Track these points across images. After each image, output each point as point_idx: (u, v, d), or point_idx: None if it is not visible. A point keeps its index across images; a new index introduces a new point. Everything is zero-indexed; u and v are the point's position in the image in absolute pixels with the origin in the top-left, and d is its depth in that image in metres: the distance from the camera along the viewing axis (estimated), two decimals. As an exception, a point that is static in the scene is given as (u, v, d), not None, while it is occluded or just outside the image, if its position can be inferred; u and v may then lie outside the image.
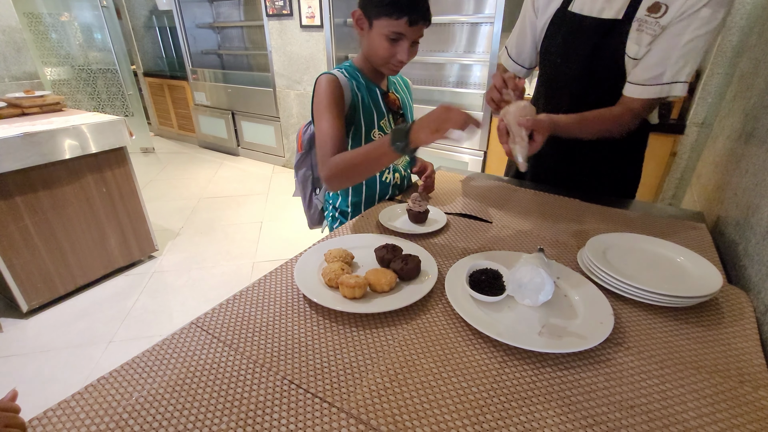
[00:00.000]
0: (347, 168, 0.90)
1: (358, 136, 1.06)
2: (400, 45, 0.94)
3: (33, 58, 3.02)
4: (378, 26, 0.93)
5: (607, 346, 0.60)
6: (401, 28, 0.91)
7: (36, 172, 1.77)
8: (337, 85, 0.98)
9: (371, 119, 1.06)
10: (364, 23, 0.96)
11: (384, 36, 0.93)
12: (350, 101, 1.02)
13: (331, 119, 0.96)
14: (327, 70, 1.01)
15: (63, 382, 1.57)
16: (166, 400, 0.51)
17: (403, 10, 0.89)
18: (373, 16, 0.92)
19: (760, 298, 0.69)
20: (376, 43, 0.95)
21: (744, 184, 0.91)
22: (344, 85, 1.00)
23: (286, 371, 0.55)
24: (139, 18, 4.89)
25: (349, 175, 0.92)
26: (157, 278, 2.24)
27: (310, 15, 3.18)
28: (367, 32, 0.96)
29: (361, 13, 0.95)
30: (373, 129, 1.07)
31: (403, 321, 0.65)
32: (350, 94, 1.01)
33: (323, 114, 0.96)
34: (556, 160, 1.19)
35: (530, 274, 0.65)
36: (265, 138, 4.09)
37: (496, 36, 2.27)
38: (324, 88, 0.98)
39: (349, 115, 1.03)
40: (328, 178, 0.92)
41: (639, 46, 0.90)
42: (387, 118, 1.10)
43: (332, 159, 0.92)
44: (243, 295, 0.71)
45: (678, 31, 0.85)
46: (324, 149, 0.94)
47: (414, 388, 0.52)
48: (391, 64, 0.98)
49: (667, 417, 0.49)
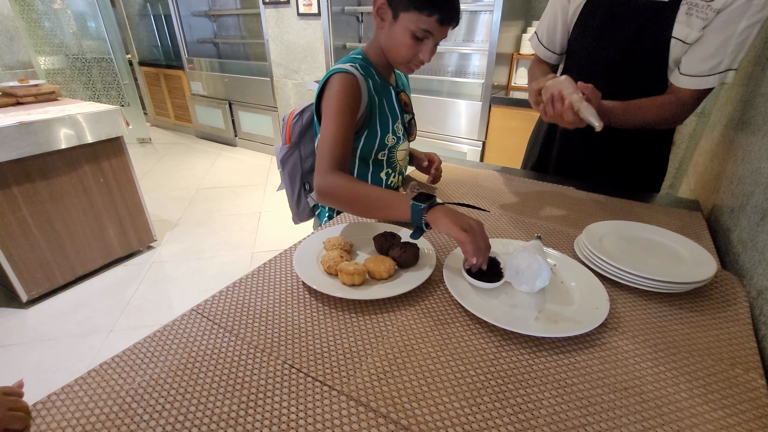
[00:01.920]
0: (349, 197, 0.83)
1: (372, 139, 1.00)
2: (424, 44, 0.88)
3: (26, 46, 2.99)
4: (405, 20, 0.85)
5: (602, 330, 0.61)
6: (430, 26, 0.85)
7: (32, 162, 1.76)
8: (356, 88, 0.90)
9: (387, 124, 1.01)
10: (387, 14, 0.88)
11: (410, 32, 0.86)
12: (367, 103, 0.94)
13: (340, 125, 0.88)
14: (341, 66, 0.92)
15: (65, 370, 1.58)
16: (169, 384, 0.52)
17: (437, 6, 0.82)
18: (401, 8, 0.85)
19: (753, 283, 0.71)
20: (399, 38, 0.88)
21: (740, 172, 0.91)
22: (363, 86, 0.92)
23: (286, 356, 0.56)
24: (134, 6, 4.82)
25: (346, 204, 0.85)
26: (156, 268, 2.25)
27: (307, 3, 3.14)
28: (389, 24, 0.88)
29: (385, 1, 0.87)
30: (388, 134, 1.02)
31: (401, 307, 0.66)
32: (367, 97, 0.94)
33: (333, 117, 0.88)
34: (583, 153, 1.16)
35: (527, 260, 0.65)
36: (263, 128, 4.07)
37: (495, 25, 2.25)
38: (339, 88, 0.89)
39: (365, 118, 0.97)
40: (323, 193, 0.85)
41: (690, 29, 0.87)
42: (400, 120, 1.05)
43: (336, 176, 0.84)
44: (243, 283, 0.72)
45: (734, 19, 0.83)
46: (326, 157, 0.86)
47: (413, 372, 0.53)
48: (412, 63, 0.92)
49: (659, 398, 0.50)
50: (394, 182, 1.13)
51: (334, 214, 1.15)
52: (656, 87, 0.98)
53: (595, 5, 1.02)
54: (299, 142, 1.13)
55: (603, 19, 1.00)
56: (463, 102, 2.54)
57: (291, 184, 1.18)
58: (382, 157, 1.05)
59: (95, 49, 3.84)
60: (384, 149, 1.03)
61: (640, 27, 0.94)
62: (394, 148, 1.06)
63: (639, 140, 1.07)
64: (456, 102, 2.57)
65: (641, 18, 0.94)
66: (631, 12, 0.96)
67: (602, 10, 1.00)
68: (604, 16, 1.00)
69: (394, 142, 1.04)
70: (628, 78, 1.01)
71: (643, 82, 0.99)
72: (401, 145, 1.08)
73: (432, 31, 0.86)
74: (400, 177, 1.15)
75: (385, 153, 1.05)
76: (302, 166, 1.17)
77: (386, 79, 1.01)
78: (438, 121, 2.69)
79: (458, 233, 0.67)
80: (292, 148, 1.13)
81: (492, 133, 2.52)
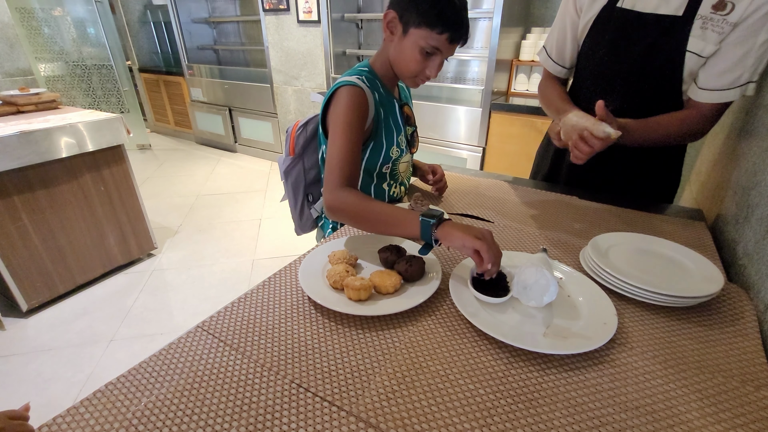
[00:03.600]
0: (359, 214, 0.83)
1: (377, 152, 1.01)
2: (432, 60, 0.89)
3: (26, 54, 3.00)
4: (415, 35, 0.86)
5: (611, 346, 0.61)
6: (440, 44, 0.86)
7: (33, 171, 1.76)
8: (363, 102, 0.91)
9: (392, 137, 1.02)
10: (397, 28, 0.89)
11: (419, 48, 0.87)
12: (373, 116, 0.95)
13: (350, 140, 0.87)
14: (348, 78, 0.92)
15: (65, 380, 1.57)
16: (175, 405, 0.51)
17: (447, 25, 0.84)
18: (412, 23, 0.85)
19: (760, 296, 0.70)
20: (407, 53, 0.89)
21: (743, 182, 0.91)
22: (369, 99, 0.92)
23: (293, 375, 0.56)
24: (134, 13, 4.83)
25: (356, 220, 0.84)
26: (156, 276, 2.24)
27: (307, 10, 3.15)
28: (399, 38, 0.89)
29: (395, 15, 0.87)
30: (393, 146, 1.02)
31: (408, 323, 0.65)
32: (374, 109, 0.94)
33: (342, 132, 0.88)
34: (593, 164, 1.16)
35: (535, 275, 0.65)
36: (263, 134, 4.07)
37: (495, 31, 2.26)
38: (346, 102, 0.89)
39: (371, 131, 0.97)
40: (334, 209, 0.85)
41: (705, 43, 0.87)
42: (404, 133, 1.06)
43: (346, 192, 0.84)
44: (248, 298, 0.71)
45: (752, 32, 0.82)
46: (335, 173, 0.86)
47: (422, 391, 0.53)
48: (418, 78, 0.93)
49: (671, 417, 0.49)
50: (396, 192, 1.13)
51: (338, 225, 1.15)
52: (669, 100, 0.97)
53: (606, 19, 1.00)
54: (303, 153, 1.14)
55: (615, 33, 0.99)
56: (463, 108, 2.55)
57: (294, 195, 1.19)
58: (386, 170, 1.05)
59: (95, 55, 3.84)
60: (388, 162, 1.03)
61: (653, 41, 0.93)
62: (398, 161, 1.06)
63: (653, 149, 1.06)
64: (456, 108, 2.58)
65: (654, 32, 0.93)
66: (643, 26, 0.94)
67: (614, 24, 0.99)
68: (615, 30, 0.98)
69: (397, 154, 1.05)
70: (641, 92, 1.00)
71: (657, 96, 0.98)
72: (404, 158, 1.08)
73: (441, 48, 0.87)
74: (402, 188, 1.15)
75: (389, 166, 1.05)
76: (306, 177, 1.17)
77: (391, 92, 1.02)
78: (438, 127, 2.69)
79: (473, 242, 0.67)
80: (295, 160, 1.14)
81: (492, 140, 2.52)
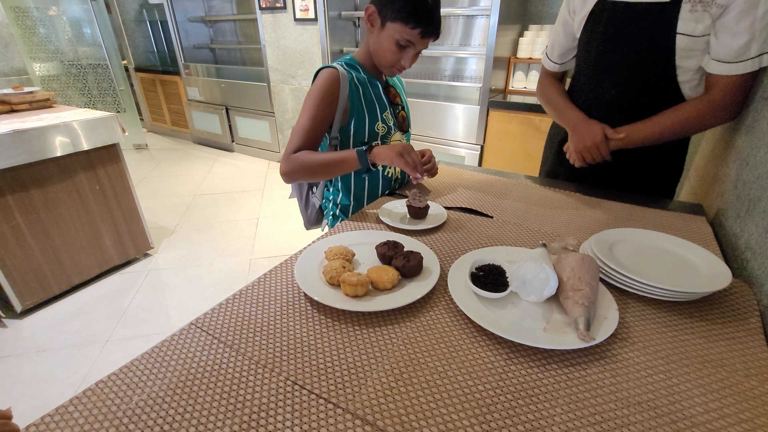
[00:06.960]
0: (308, 167, 0.97)
1: (362, 128, 1.07)
2: (406, 52, 0.98)
3: (21, 53, 2.97)
4: (390, 29, 0.95)
5: (612, 341, 0.59)
6: (413, 38, 0.95)
7: (27, 171, 1.74)
8: (334, 79, 1.00)
9: (374, 112, 1.08)
10: (376, 21, 0.97)
11: (394, 40, 0.96)
12: (347, 94, 1.02)
13: (313, 114, 0.99)
14: (328, 64, 1.02)
15: (61, 382, 1.55)
16: (167, 404, 0.50)
17: (420, 21, 0.92)
18: (389, 18, 0.94)
19: (763, 291, 0.69)
20: (384, 44, 0.98)
21: (744, 177, 0.90)
22: (343, 78, 1.00)
23: (289, 372, 0.54)
24: (129, 12, 4.81)
25: (307, 174, 0.99)
26: (153, 276, 2.22)
27: (303, 8, 3.13)
28: (377, 31, 0.98)
29: (375, 10, 0.96)
30: (377, 121, 1.09)
31: (406, 319, 0.64)
32: (347, 87, 1.02)
33: (308, 107, 0.99)
34: None
35: (534, 270, 0.64)
36: (260, 133, 4.05)
37: (492, 29, 2.25)
38: (318, 83, 1.00)
39: (348, 108, 1.04)
40: (287, 172, 0.99)
41: (696, 23, 0.89)
42: (389, 111, 1.12)
43: (294, 156, 0.98)
44: (243, 295, 0.70)
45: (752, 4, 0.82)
46: (291, 144, 0.99)
47: (419, 387, 0.52)
48: (394, 67, 1.02)
49: (674, 413, 0.48)
50: (390, 172, 1.17)
51: (338, 212, 1.19)
52: (665, 89, 1.00)
53: (599, 13, 1.04)
54: None
55: (607, 24, 1.02)
56: (461, 106, 2.54)
57: (299, 189, 1.28)
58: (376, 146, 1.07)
59: (91, 55, 3.82)
60: (376, 138, 1.10)
61: (643, 28, 0.97)
62: (387, 137, 1.11)
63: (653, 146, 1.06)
64: (454, 106, 2.57)
65: (644, 20, 0.96)
66: (633, 15, 0.98)
67: (606, 16, 1.02)
68: (608, 21, 1.02)
69: (384, 131, 1.11)
70: (635, 80, 1.03)
71: (651, 84, 1.01)
72: (394, 135, 1.14)
73: (414, 42, 0.96)
74: (395, 168, 1.18)
75: (378, 142, 1.10)
76: None
77: (372, 75, 1.10)
78: (436, 125, 2.68)
79: (396, 154, 0.90)
80: None
81: (490, 137, 2.51)
